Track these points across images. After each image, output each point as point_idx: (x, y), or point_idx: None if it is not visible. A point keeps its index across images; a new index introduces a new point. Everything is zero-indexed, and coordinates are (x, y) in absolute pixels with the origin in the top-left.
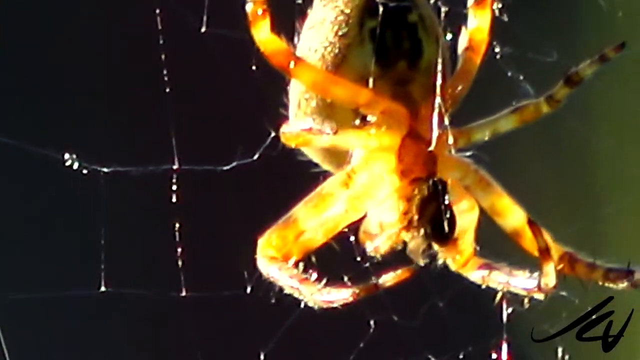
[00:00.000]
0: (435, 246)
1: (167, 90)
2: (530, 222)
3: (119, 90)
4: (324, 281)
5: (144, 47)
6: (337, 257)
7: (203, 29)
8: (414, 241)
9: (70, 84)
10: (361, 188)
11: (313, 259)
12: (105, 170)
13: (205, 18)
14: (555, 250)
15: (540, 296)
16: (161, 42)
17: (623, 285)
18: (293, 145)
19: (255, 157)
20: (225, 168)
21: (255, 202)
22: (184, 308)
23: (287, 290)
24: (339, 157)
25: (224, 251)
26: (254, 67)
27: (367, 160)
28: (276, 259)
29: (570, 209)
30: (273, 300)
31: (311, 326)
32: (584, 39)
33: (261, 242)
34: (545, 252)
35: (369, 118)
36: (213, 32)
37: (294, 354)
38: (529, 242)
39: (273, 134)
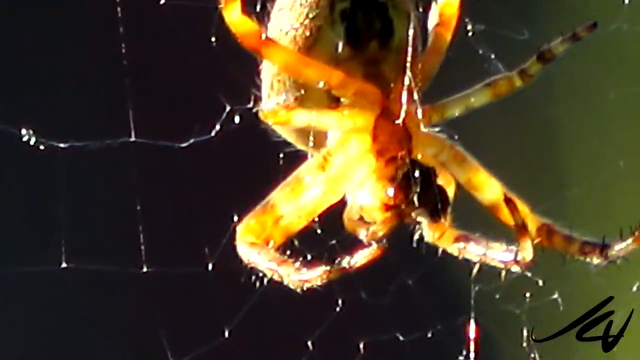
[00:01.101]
0: (424, 221)
1: (124, 62)
2: (506, 199)
3: (76, 64)
4: (300, 261)
5: (101, 19)
6: (308, 235)
7: (162, 1)
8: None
9: (25, 59)
10: (338, 170)
11: (295, 242)
12: (63, 145)
13: None
14: (533, 221)
15: (516, 269)
16: (119, 14)
17: (597, 260)
18: (271, 123)
19: (213, 133)
20: (182, 145)
21: (214, 178)
22: (145, 284)
23: (267, 274)
24: (315, 138)
25: (186, 227)
26: (212, 39)
27: (342, 142)
28: (255, 244)
29: (536, 191)
30: (241, 279)
31: (277, 303)
32: (555, 17)
33: (240, 228)
34: (521, 227)
35: (342, 99)
36: (172, 4)
37: (260, 331)
38: (506, 215)
39: (229, 108)
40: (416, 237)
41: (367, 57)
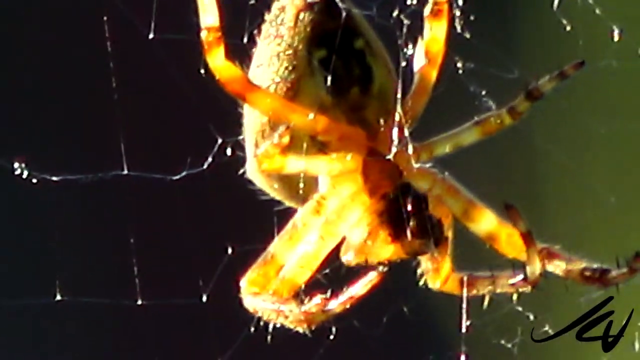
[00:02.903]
0: (427, 264)
1: (116, 97)
2: (508, 206)
3: (68, 98)
4: (302, 299)
5: (92, 54)
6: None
7: (151, 35)
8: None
9: (18, 92)
10: (333, 213)
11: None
12: (55, 178)
13: (153, 24)
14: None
15: (527, 289)
16: (109, 48)
17: (596, 285)
18: (265, 169)
19: (205, 166)
20: (175, 178)
21: (207, 210)
22: (140, 316)
23: (273, 319)
24: (304, 187)
25: (180, 260)
26: (202, 71)
27: (334, 185)
28: (260, 293)
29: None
30: (235, 310)
31: (271, 333)
32: (545, 55)
33: (244, 282)
34: (527, 236)
35: (328, 144)
36: (161, 38)
37: None
38: (504, 245)
39: (220, 140)
40: (418, 280)
41: (349, 104)
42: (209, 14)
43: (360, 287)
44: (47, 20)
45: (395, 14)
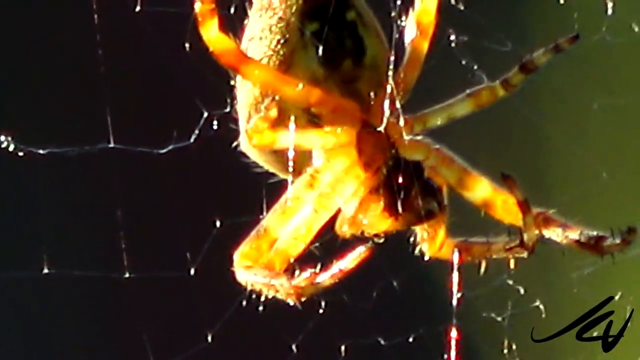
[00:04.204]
0: (422, 232)
1: (102, 70)
2: (505, 176)
3: (53, 70)
4: (292, 272)
5: (78, 27)
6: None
7: (137, 8)
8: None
9: (4, 65)
10: (327, 186)
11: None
12: (42, 151)
13: None
14: None
15: (523, 254)
16: (96, 21)
17: (590, 252)
18: (255, 144)
19: (192, 139)
20: (161, 151)
21: (194, 184)
22: (127, 290)
23: (265, 292)
24: (297, 160)
25: (167, 233)
26: (187, 45)
27: (328, 158)
28: (252, 267)
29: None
30: (223, 283)
31: (259, 307)
32: (539, 29)
33: (236, 255)
34: (524, 204)
35: (321, 117)
36: (148, 10)
37: (242, 335)
38: (500, 211)
39: (207, 114)
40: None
41: (342, 76)
42: None
43: (349, 261)
44: None
45: None
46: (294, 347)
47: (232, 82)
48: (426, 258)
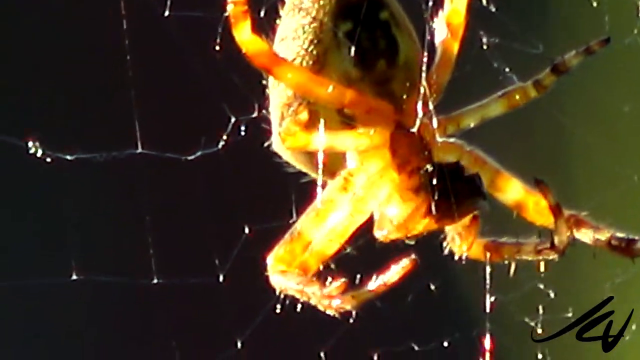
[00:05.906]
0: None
1: (130, 75)
2: (538, 181)
3: (82, 76)
4: (327, 280)
5: (107, 32)
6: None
7: (166, 13)
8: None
9: (33, 71)
10: (362, 189)
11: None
12: (69, 157)
13: (168, 1)
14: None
15: (554, 256)
16: (124, 26)
17: (621, 255)
18: (289, 147)
19: (220, 145)
20: (189, 157)
21: (222, 190)
22: (156, 295)
23: (298, 297)
24: (330, 161)
25: (195, 239)
26: (216, 49)
27: (362, 160)
28: (286, 271)
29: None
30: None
31: (290, 313)
32: (570, 31)
33: (270, 259)
34: (556, 208)
35: (354, 118)
36: (176, 15)
37: (272, 342)
38: (532, 212)
39: (234, 119)
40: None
41: (376, 77)
42: None
43: (393, 274)
44: None
45: None
46: (323, 355)
47: (263, 82)
48: (455, 257)
